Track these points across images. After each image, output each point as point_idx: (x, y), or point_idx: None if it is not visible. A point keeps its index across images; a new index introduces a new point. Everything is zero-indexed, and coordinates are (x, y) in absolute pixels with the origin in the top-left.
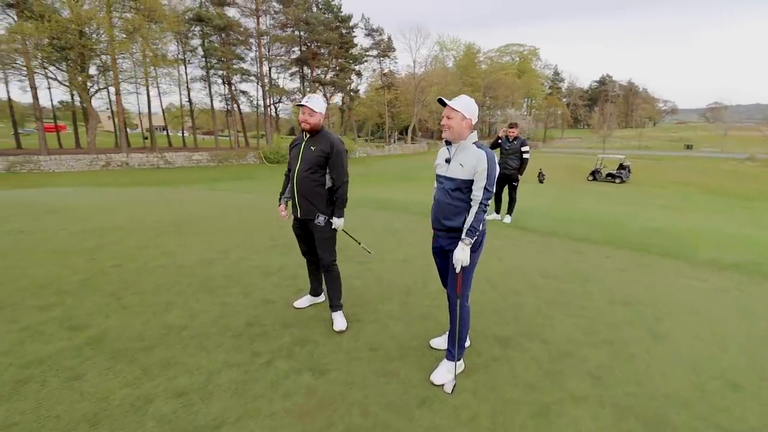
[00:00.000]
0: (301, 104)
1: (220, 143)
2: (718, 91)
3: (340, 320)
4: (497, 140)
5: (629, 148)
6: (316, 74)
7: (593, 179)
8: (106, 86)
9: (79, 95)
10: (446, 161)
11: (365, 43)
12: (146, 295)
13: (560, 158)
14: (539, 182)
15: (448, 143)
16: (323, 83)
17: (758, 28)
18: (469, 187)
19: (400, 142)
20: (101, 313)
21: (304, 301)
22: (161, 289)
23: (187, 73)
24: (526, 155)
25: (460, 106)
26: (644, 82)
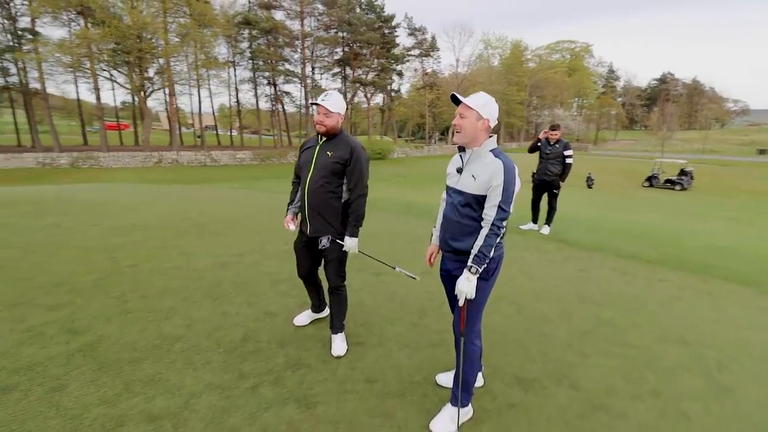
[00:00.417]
0: (315, 103)
1: (264, 142)
2: None
3: (339, 344)
4: (536, 143)
5: (692, 151)
6: (357, 74)
7: (649, 185)
8: (161, 87)
9: (136, 96)
10: (458, 171)
11: (407, 42)
12: (151, 299)
13: (612, 161)
14: (587, 187)
15: (461, 149)
16: (364, 83)
17: None
18: (481, 203)
19: (441, 142)
20: (103, 316)
21: (304, 317)
22: (168, 293)
23: (236, 74)
24: (569, 160)
25: (475, 103)
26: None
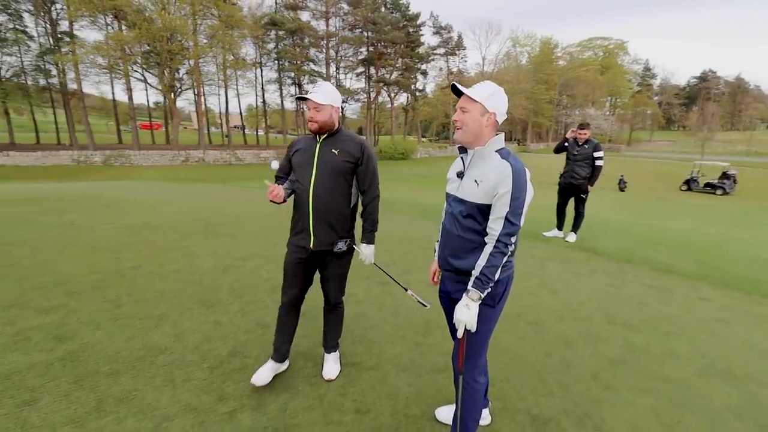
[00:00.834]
0: (302, 97)
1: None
2: None
3: (331, 365)
4: (563, 143)
5: (735, 153)
6: (380, 74)
7: (687, 189)
8: (190, 87)
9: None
10: (458, 175)
11: (432, 41)
12: (145, 304)
13: (647, 163)
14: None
15: (462, 150)
16: (387, 83)
17: None
18: (486, 214)
19: None
20: (93, 322)
21: (266, 373)
22: (163, 298)
23: (262, 75)
24: (599, 162)
25: (480, 95)
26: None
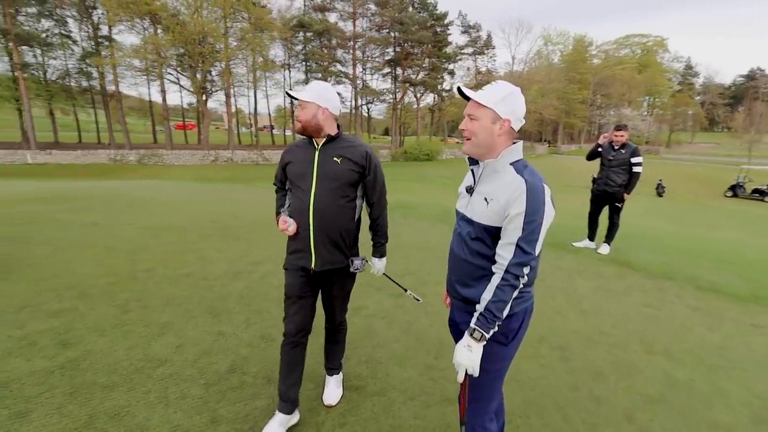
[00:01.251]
0: (288, 93)
1: None
2: None
3: (333, 389)
4: (596, 148)
5: None
6: (407, 74)
7: (733, 195)
8: (221, 88)
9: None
10: (467, 191)
11: (460, 40)
12: (152, 310)
13: (688, 167)
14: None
15: (473, 162)
16: (413, 83)
17: None
18: (497, 238)
19: None
20: (98, 328)
21: (275, 427)
22: (171, 304)
23: (290, 76)
24: (637, 169)
25: (490, 99)
26: None
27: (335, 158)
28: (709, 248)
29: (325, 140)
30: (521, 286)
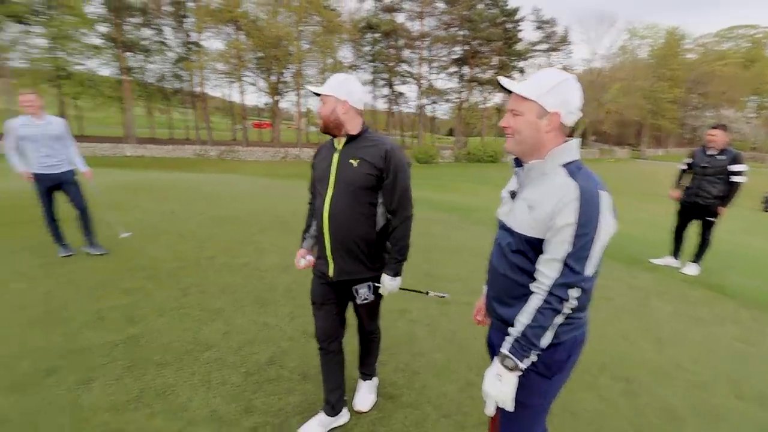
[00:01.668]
0: (311, 90)
1: None
2: None
3: (365, 395)
4: (683, 171)
5: None
6: (474, 73)
7: None
8: (294, 89)
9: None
10: (511, 195)
11: (533, 36)
12: (208, 296)
13: None
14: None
15: (518, 163)
16: (480, 82)
17: None
18: (541, 251)
19: None
20: (159, 309)
21: (312, 428)
22: (225, 291)
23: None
24: (737, 178)
25: (533, 90)
26: None
27: (352, 160)
28: None
29: (345, 140)
30: (568, 311)
